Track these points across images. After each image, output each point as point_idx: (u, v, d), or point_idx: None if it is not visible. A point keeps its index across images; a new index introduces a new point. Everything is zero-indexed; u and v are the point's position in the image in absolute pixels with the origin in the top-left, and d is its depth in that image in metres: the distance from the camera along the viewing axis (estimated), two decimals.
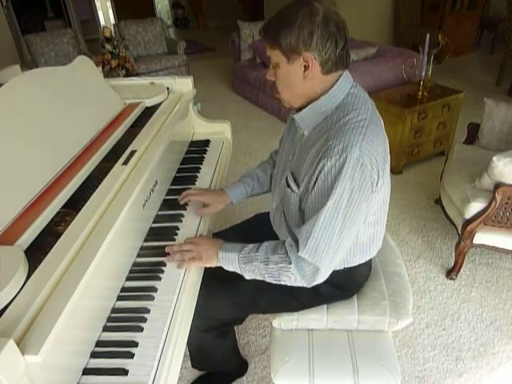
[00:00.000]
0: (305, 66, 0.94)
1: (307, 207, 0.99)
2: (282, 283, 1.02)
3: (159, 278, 1.03)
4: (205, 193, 1.31)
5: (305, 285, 0.99)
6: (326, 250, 0.93)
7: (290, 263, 0.97)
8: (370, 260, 1.20)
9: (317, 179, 0.94)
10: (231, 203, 1.32)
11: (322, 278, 0.98)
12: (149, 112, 1.48)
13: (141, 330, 0.89)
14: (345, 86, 0.98)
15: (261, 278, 1.03)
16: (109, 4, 7.89)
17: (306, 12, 0.90)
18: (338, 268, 1.13)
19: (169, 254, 1.09)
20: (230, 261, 1.04)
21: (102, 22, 7.83)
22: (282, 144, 1.22)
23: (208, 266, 1.08)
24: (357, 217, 0.94)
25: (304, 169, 1.00)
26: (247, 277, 1.05)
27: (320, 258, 0.94)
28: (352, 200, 0.91)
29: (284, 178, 1.10)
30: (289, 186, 1.07)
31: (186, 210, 1.29)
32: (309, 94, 1.00)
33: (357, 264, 1.14)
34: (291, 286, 1.02)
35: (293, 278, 0.98)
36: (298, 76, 0.96)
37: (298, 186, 1.04)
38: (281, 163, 1.18)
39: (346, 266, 1.14)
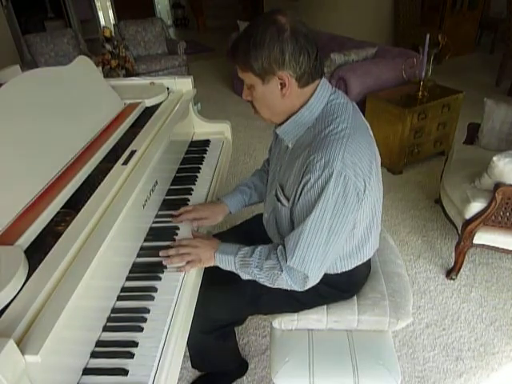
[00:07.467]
0: (281, 84, 0.93)
1: (295, 218, 1.00)
2: (278, 286, 1.03)
3: (159, 278, 1.03)
4: (200, 208, 1.24)
5: (298, 289, 1.01)
6: (314, 260, 0.95)
7: (282, 270, 0.98)
8: (369, 260, 1.20)
9: (301, 193, 0.94)
10: (230, 213, 1.30)
11: (312, 283, 1.00)
12: (149, 112, 1.48)
13: (141, 329, 0.89)
14: (323, 95, 0.97)
15: (257, 280, 1.05)
16: (109, 4, 7.90)
17: (273, 30, 0.87)
18: (336, 272, 1.14)
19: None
20: (227, 263, 1.06)
21: (102, 22, 7.85)
22: (272, 155, 1.22)
23: (207, 266, 1.10)
24: (343, 227, 0.94)
25: (291, 182, 1.01)
26: (244, 277, 1.07)
27: (308, 267, 0.96)
28: (336, 212, 0.91)
29: (274, 190, 1.11)
30: (279, 199, 1.07)
31: None
32: (289, 110, 0.99)
33: (354, 266, 1.14)
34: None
35: (285, 283, 1.00)
36: (276, 95, 0.95)
37: (287, 199, 1.04)
38: (271, 174, 1.19)
39: (344, 270, 1.14)
